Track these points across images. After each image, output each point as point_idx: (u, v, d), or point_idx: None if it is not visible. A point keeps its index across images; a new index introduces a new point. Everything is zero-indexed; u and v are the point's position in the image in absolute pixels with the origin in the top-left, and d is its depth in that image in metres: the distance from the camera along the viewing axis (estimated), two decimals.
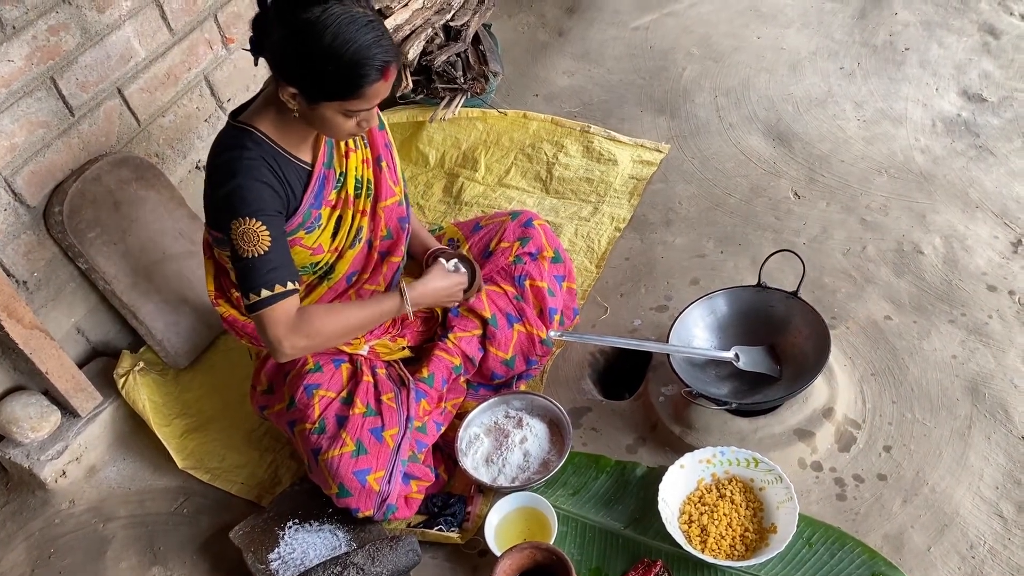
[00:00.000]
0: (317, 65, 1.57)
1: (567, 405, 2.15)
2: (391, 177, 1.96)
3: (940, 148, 2.71)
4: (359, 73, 1.58)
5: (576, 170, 2.83)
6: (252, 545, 1.96)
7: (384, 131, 1.97)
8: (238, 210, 1.68)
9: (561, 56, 3.42)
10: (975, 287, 2.27)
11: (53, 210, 2.19)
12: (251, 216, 1.68)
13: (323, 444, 1.88)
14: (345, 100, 1.62)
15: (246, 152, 1.71)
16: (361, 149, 1.92)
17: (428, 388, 2.04)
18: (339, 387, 1.97)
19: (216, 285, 1.98)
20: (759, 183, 2.71)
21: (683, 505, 1.89)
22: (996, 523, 1.81)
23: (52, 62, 2.14)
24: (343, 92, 1.61)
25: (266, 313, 1.72)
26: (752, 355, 2.09)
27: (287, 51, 1.60)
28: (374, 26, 1.59)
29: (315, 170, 1.82)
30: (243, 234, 1.68)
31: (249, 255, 1.69)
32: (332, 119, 1.67)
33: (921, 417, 2.01)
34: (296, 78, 1.61)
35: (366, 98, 1.63)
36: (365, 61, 1.57)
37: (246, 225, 1.68)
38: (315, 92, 1.62)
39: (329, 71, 1.58)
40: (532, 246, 2.17)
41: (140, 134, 2.43)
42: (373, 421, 1.91)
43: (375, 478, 1.87)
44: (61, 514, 2.19)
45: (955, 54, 3.06)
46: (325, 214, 1.86)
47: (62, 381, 2.20)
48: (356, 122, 1.69)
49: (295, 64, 1.60)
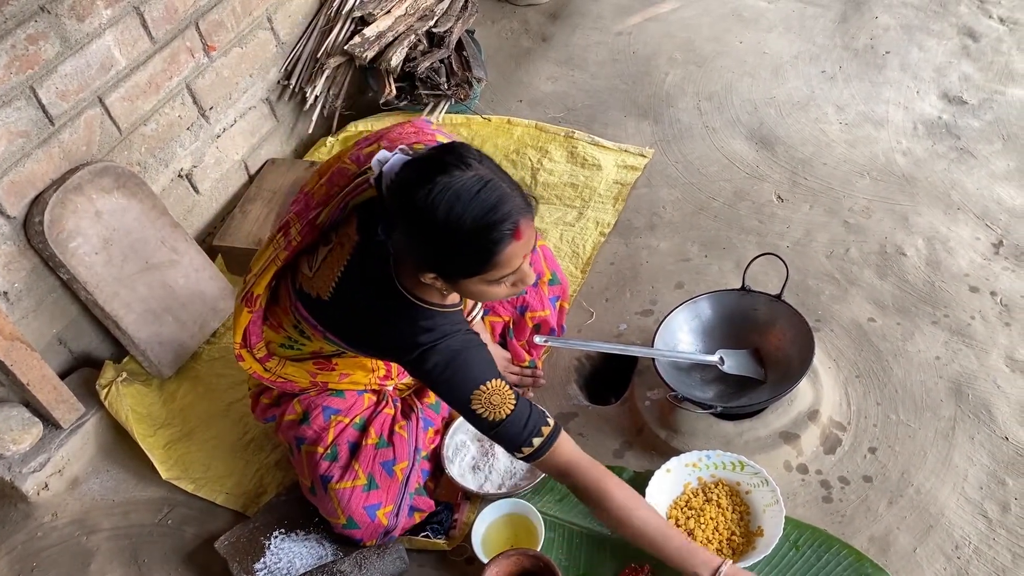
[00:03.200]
0: (440, 244, 1.45)
1: (554, 411, 2.15)
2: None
3: (921, 150, 2.73)
4: (487, 243, 1.44)
5: (560, 175, 2.83)
6: (238, 555, 1.95)
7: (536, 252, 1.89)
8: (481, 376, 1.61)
9: (545, 62, 3.42)
10: (957, 288, 2.28)
11: (34, 220, 2.17)
12: (494, 378, 1.62)
13: (335, 473, 1.87)
14: (482, 273, 1.49)
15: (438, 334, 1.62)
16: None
17: (434, 415, 2.04)
18: (357, 412, 1.95)
19: (243, 338, 1.85)
20: (742, 187, 2.72)
21: (670, 509, 1.89)
22: (981, 523, 1.81)
23: (31, 71, 2.12)
24: (476, 267, 1.48)
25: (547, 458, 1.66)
26: (737, 358, 2.09)
27: (411, 240, 1.49)
28: (491, 188, 1.44)
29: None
30: (490, 398, 1.61)
31: (501, 417, 1.61)
32: (480, 291, 1.54)
33: (905, 418, 2.02)
34: (426, 261, 1.51)
35: (504, 264, 1.48)
36: (489, 229, 1.43)
37: (490, 387, 1.61)
38: (450, 274, 1.51)
39: (455, 252, 1.46)
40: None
41: (121, 143, 2.41)
42: (385, 453, 1.90)
43: (384, 512, 1.87)
44: (44, 527, 2.17)
45: (935, 57, 3.09)
46: None
47: (43, 392, 2.17)
48: (509, 285, 1.55)
49: (421, 251, 1.50)
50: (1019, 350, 2.12)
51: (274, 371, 1.90)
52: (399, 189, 1.47)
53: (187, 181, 2.67)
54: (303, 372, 1.91)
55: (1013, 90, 2.88)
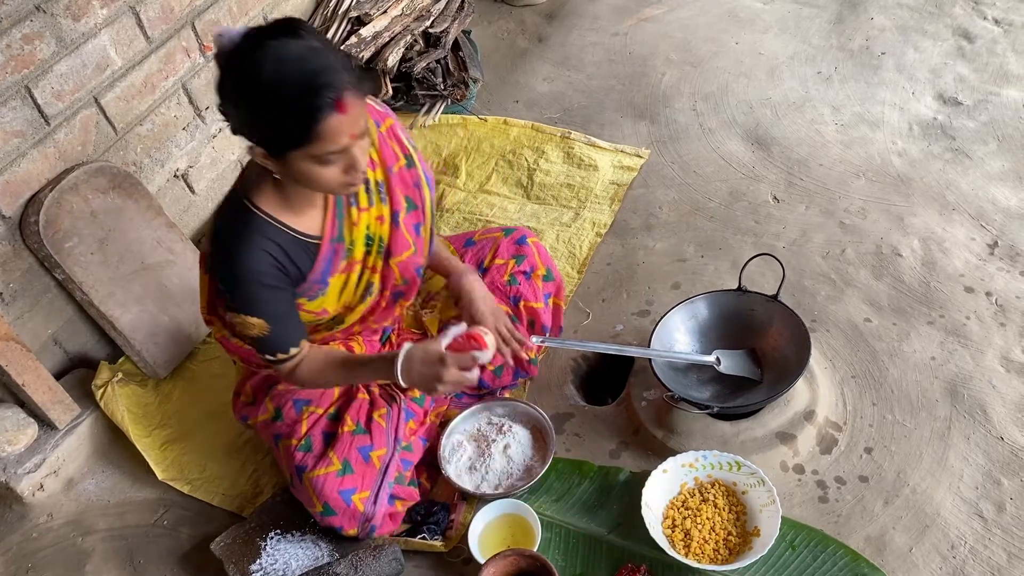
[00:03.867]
0: (262, 113, 1.44)
1: (550, 411, 2.15)
2: (408, 223, 1.83)
3: (917, 151, 2.74)
4: (307, 110, 1.41)
5: (557, 176, 2.83)
6: (234, 556, 1.94)
7: (414, 168, 1.82)
8: (238, 308, 1.64)
9: (541, 62, 3.42)
10: (953, 289, 2.29)
11: (29, 220, 2.17)
12: (248, 315, 1.64)
13: (309, 463, 1.87)
14: (305, 146, 1.46)
15: (250, 248, 1.61)
16: (376, 205, 1.78)
17: (417, 408, 2.03)
18: (328, 403, 1.95)
19: (209, 303, 1.91)
20: (738, 187, 2.72)
21: (666, 510, 1.89)
22: (976, 523, 1.82)
23: (27, 71, 2.12)
24: (298, 137, 1.45)
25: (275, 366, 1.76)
26: (733, 359, 2.10)
27: (236, 107, 1.48)
28: (317, 54, 1.43)
29: (323, 246, 1.72)
30: (243, 323, 1.65)
31: (249, 337, 1.68)
32: (309, 171, 1.51)
33: (901, 419, 2.02)
34: (253, 134, 1.50)
35: (327, 138, 1.45)
36: (309, 95, 1.41)
37: (241, 319, 1.64)
38: (274, 144, 1.48)
39: (275, 116, 1.43)
40: (526, 264, 2.15)
41: (117, 143, 2.41)
42: (362, 439, 1.90)
43: (360, 498, 1.86)
44: (39, 528, 2.16)
45: (930, 58, 3.09)
46: (331, 282, 1.78)
47: (39, 393, 2.17)
48: (340, 170, 1.52)
49: (245, 118, 1.49)
50: (1014, 350, 2.12)
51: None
52: (231, 54, 1.46)
53: (183, 181, 2.66)
54: None
55: (1008, 91, 2.89)
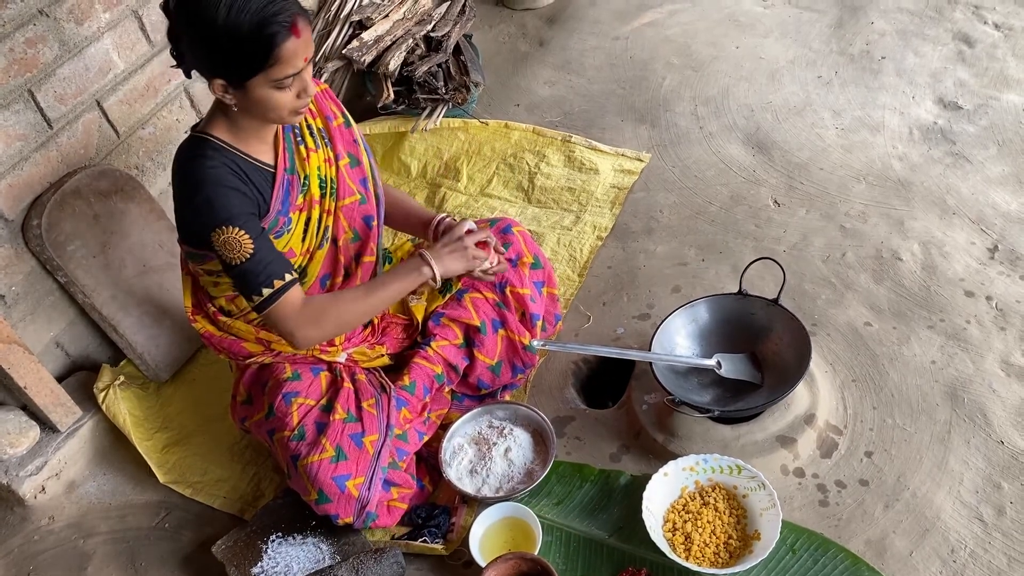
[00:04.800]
0: (223, 44, 1.54)
1: (551, 414, 2.15)
2: (351, 175, 1.94)
3: (917, 156, 2.74)
4: (266, 36, 1.54)
5: (558, 179, 2.84)
6: (235, 559, 1.95)
7: (351, 128, 1.95)
8: (213, 220, 1.68)
9: (542, 66, 3.43)
10: (953, 293, 2.29)
11: (31, 223, 2.17)
12: (227, 224, 1.67)
13: (302, 450, 1.87)
14: (265, 70, 1.57)
15: (207, 161, 1.70)
16: (322, 148, 1.89)
17: (409, 396, 2.03)
18: (318, 395, 1.96)
19: (194, 301, 1.97)
20: (739, 191, 2.73)
21: (667, 513, 1.89)
22: (976, 527, 1.82)
23: (30, 74, 2.12)
24: (259, 62, 1.56)
25: (273, 310, 1.75)
26: (734, 362, 2.10)
27: (194, 45, 1.58)
28: None
29: (278, 175, 1.81)
30: (225, 243, 1.68)
31: (238, 261, 1.69)
32: (267, 97, 1.62)
33: (902, 422, 2.03)
34: (214, 67, 1.60)
35: (285, 60, 1.57)
36: (267, 22, 1.53)
37: (226, 234, 1.67)
38: (235, 73, 1.59)
39: (236, 45, 1.54)
40: (512, 252, 2.16)
41: (119, 146, 2.41)
42: (353, 427, 1.91)
43: (355, 484, 1.86)
44: (40, 531, 2.17)
45: (931, 63, 3.10)
46: (294, 218, 1.85)
47: (41, 396, 2.17)
48: (294, 94, 1.65)
49: (205, 53, 1.58)
50: (1014, 354, 2.13)
51: (225, 327, 1.96)
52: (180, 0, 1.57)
53: None
54: (248, 327, 1.95)
55: (1008, 96, 2.90)
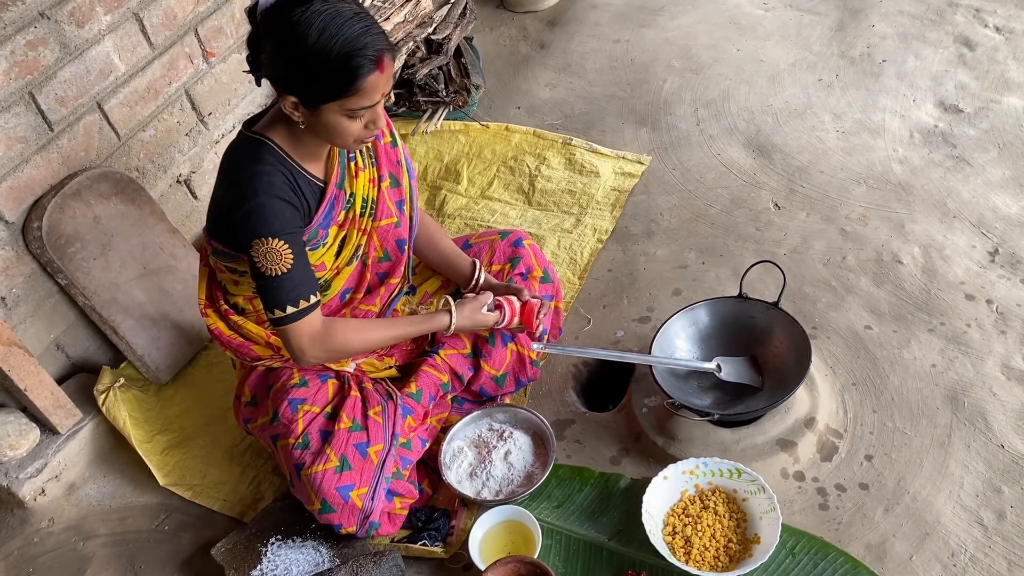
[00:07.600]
0: (308, 66, 1.54)
1: (551, 417, 2.15)
2: (391, 196, 1.93)
3: (918, 159, 2.74)
4: (351, 66, 1.54)
5: (558, 182, 2.84)
6: (234, 562, 1.95)
7: (397, 148, 1.94)
8: (261, 230, 1.66)
9: (543, 69, 3.43)
10: (953, 296, 2.29)
11: (32, 225, 2.17)
12: (274, 236, 1.66)
13: (306, 459, 1.86)
14: (343, 98, 1.58)
15: (265, 167, 1.68)
16: (369, 168, 1.89)
17: (415, 404, 2.03)
18: (324, 402, 1.95)
19: (208, 294, 1.96)
20: (739, 194, 2.73)
21: (667, 516, 1.89)
22: (977, 531, 1.82)
23: (30, 77, 2.13)
24: (339, 90, 1.57)
25: (291, 328, 1.75)
26: (734, 366, 2.10)
27: (278, 59, 1.58)
28: (361, 18, 1.56)
29: (328, 189, 1.79)
30: (266, 254, 1.67)
31: (273, 274, 1.68)
32: (336, 123, 1.62)
33: (902, 426, 2.03)
34: (292, 85, 1.59)
35: (364, 93, 1.58)
36: (356, 53, 1.54)
37: (269, 245, 1.66)
38: (312, 96, 1.59)
39: (321, 70, 1.54)
40: (522, 266, 2.16)
41: (120, 149, 2.41)
42: (359, 436, 1.90)
43: (358, 494, 1.85)
44: (40, 533, 2.17)
45: (931, 66, 3.10)
46: (332, 233, 1.84)
47: (41, 398, 2.17)
48: (363, 124, 1.65)
49: (287, 70, 1.58)
50: (1015, 358, 2.13)
51: (236, 327, 1.95)
52: (276, 9, 1.56)
53: (185, 187, 2.67)
54: (260, 330, 1.95)
55: (1009, 99, 2.90)
